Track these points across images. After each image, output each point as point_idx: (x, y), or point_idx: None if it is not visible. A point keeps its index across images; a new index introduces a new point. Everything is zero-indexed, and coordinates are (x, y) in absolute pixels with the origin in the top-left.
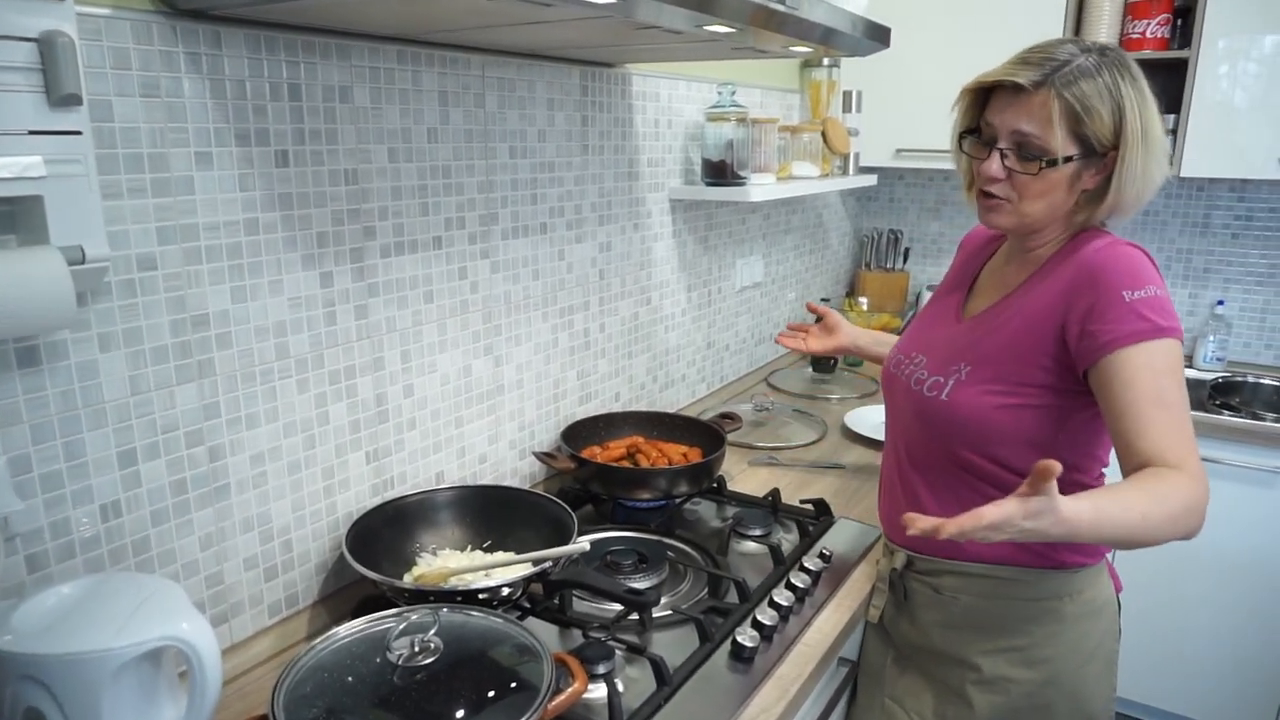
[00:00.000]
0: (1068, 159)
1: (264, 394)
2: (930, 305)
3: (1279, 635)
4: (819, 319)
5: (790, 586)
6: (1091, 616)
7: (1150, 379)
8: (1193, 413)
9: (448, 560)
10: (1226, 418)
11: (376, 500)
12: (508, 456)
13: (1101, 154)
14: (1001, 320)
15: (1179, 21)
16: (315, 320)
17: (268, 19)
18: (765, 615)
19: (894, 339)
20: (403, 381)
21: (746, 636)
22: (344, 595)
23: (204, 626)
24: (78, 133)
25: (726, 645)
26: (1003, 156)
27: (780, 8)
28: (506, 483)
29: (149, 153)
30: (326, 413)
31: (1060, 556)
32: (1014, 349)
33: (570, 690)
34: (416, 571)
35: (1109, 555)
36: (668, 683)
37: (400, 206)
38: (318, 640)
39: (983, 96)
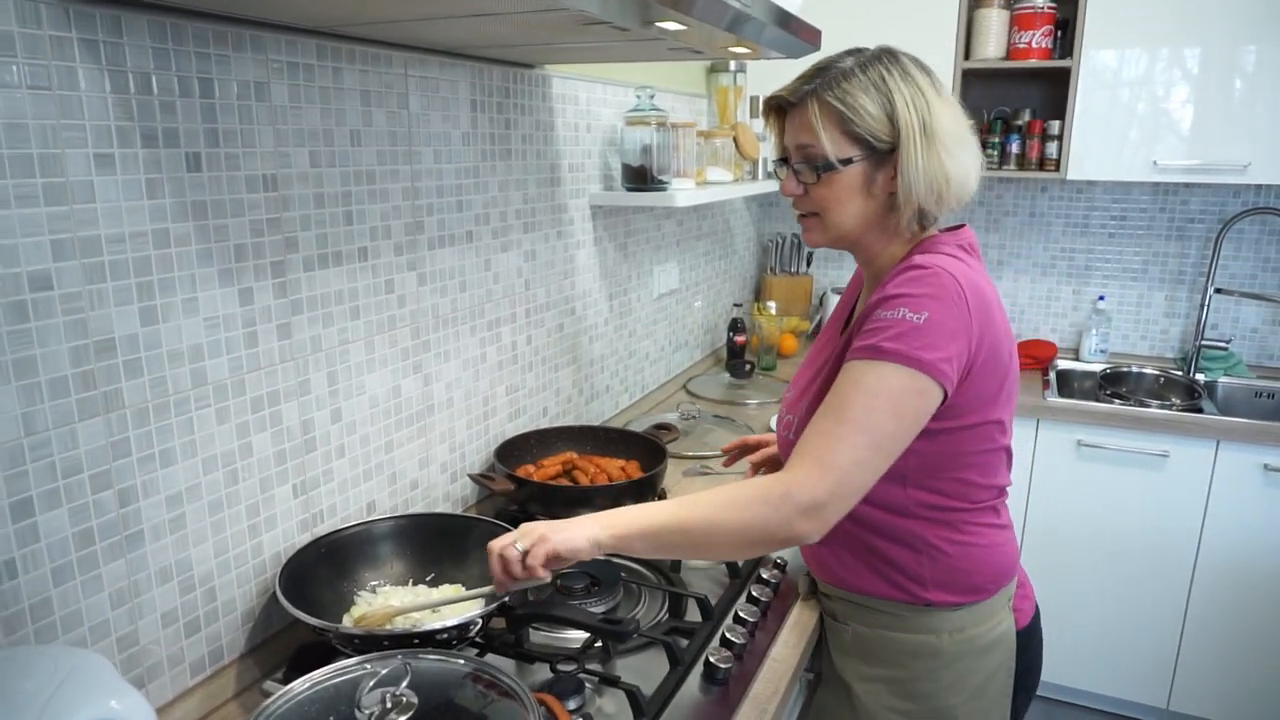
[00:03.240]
0: (847, 160)
1: (180, 426)
2: (809, 350)
3: (1168, 606)
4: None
5: (752, 600)
6: (975, 655)
7: (846, 392)
8: (1085, 404)
9: (389, 598)
10: (1116, 405)
11: (307, 537)
12: (439, 481)
13: (890, 151)
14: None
15: (1060, 33)
16: (235, 342)
17: (174, 4)
18: (732, 632)
19: None
20: (330, 406)
21: (718, 657)
22: (275, 644)
23: (139, 702)
24: None
25: (698, 667)
26: (796, 173)
27: (739, 6)
28: (439, 508)
29: (40, 154)
30: (249, 444)
31: (926, 595)
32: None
33: None
34: (356, 612)
35: (1006, 590)
36: (645, 713)
37: (323, 215)
38: (270, 701)
39: (782, 121)
